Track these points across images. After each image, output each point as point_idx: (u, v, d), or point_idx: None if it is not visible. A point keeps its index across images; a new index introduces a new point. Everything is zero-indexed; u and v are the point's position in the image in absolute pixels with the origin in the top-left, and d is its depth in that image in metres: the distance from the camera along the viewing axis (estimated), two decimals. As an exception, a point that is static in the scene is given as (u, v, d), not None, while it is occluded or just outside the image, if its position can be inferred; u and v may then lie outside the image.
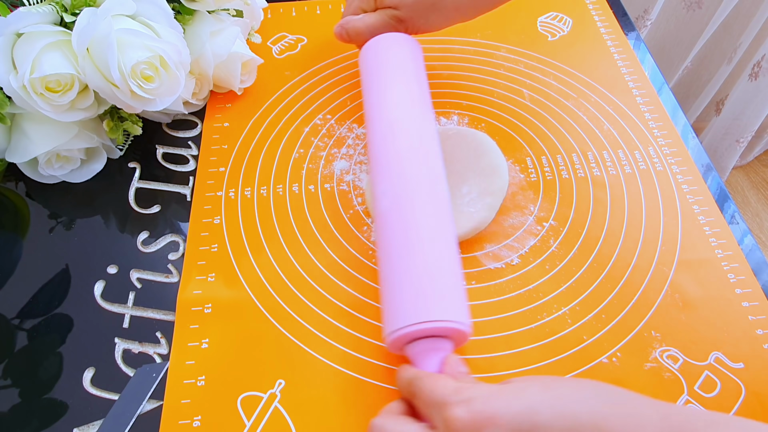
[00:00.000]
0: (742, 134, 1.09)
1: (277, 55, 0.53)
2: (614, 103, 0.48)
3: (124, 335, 0.36)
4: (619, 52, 0.52)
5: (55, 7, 0.39)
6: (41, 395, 0.34)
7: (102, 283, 0.39)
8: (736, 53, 1.01)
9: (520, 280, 0.38)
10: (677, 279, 0.38)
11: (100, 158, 0.44)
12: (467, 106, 0.48)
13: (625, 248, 0.39)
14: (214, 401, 0.33)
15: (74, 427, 0.33)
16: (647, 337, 0.35)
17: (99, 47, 0.37)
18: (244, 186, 0.43)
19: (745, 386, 0.33)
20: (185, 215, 0.42)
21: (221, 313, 0.37)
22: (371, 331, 0.36)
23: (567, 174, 0.44)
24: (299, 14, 0.57)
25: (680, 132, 0.46)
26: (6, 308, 0.38)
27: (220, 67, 0.46)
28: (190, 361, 0.35)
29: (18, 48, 0.38)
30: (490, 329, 0.36)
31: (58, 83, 0.38)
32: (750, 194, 1.23)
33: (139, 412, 0.33)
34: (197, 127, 0.48)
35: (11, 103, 0.39)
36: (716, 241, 0.40)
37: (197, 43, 0.44)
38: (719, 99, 1.12)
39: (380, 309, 0.34)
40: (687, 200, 0.42)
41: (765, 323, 0.36)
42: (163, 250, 0.40)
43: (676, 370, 0.34)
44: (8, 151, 0.41)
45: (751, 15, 0.96)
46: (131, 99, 0.39)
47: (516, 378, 0.26)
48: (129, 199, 0.43)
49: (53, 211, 0.43)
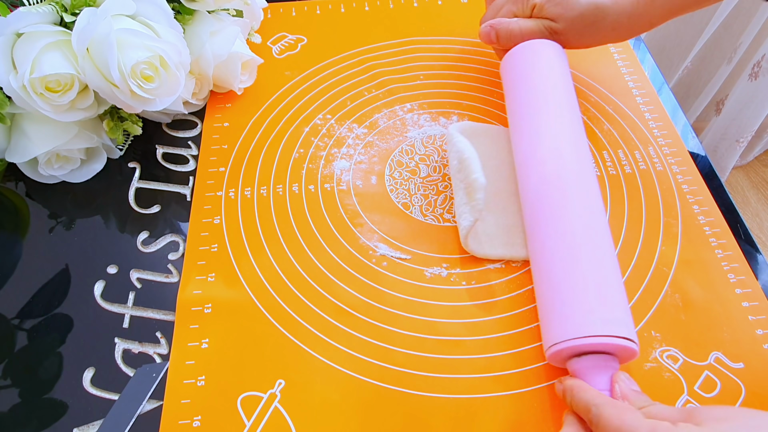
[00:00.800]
0: (742, 134, 1.09)
1: (277, 55, 0.53)
2: (614, 103, 0.48)
3: (124, 335, 0.36)
4: (619, 52, 0.52)
5: (54, 7, 0.39)
6: (41, 395, 0.34)
7: (102, 283, 0.39)
8: (736, 53, 1.01)
9: (520, 280, 0.38)
10: (677, 279, 0.38)
11: (100, 158, 0.44)
12: (467, 106, 0.48)
13: (625, 248, 0.39)
14: (214, 401, 0.33)
15: (74, 427, 0.33)
16: (647, 337, 0.35)
17: (99, 47, 0.37)
18: (244, 186, 0.43)
19: (745, 386, 0.33)
20: (185, 215, 0.42)
21: (221, 313, 0.37)
22: (371, 331, 0.36)
23: (567, 174, 0.44)
24: (299, 14, 0.57)
25: (680, 132, 0.46)
26: (6, 308, 0.38)
27: (220, 67, 0.46)
28: (190, 361, 0.35)
29: (18, 48, 0.38)
30: (490, 329, 0.36)
31: (58, 83, 0.38)
32: (750, 194, 1.23)
33: (139, 412, 0.33)
34: (197, 127, 0.48)
35: (11, 103, 0.39)
36: (716, 241, 0.40)
37: (197, 43, 0.44)
38: (719, 99, 1.12)
39: (539, 321, 0.34)
40: (687, 200, 0.42)
41: (765, 323, 0.36)
42: (163, 250, 0.40)
43: (676, 370, 0.34)
44: (8, 151, 0.41)
45: (751, 15, 0.96)
46: (131, 99, 0.39)
47: (705, 411, 0.25)
48: (129, 199, 0.43)
49: (53, 211, 0.43)
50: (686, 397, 0.33)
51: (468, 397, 0.33)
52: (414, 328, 0.36)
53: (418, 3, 0.57)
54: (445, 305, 0.37)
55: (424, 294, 0.37)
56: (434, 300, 0.37)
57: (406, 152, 0.45)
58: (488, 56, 0.52)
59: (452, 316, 0.36)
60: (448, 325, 0.36)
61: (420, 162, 0.45)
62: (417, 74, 0.51)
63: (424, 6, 0.57)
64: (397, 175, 0.44)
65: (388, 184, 0.43)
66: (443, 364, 0.34)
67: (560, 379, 0.31)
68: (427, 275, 0.38)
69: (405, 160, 0.45)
